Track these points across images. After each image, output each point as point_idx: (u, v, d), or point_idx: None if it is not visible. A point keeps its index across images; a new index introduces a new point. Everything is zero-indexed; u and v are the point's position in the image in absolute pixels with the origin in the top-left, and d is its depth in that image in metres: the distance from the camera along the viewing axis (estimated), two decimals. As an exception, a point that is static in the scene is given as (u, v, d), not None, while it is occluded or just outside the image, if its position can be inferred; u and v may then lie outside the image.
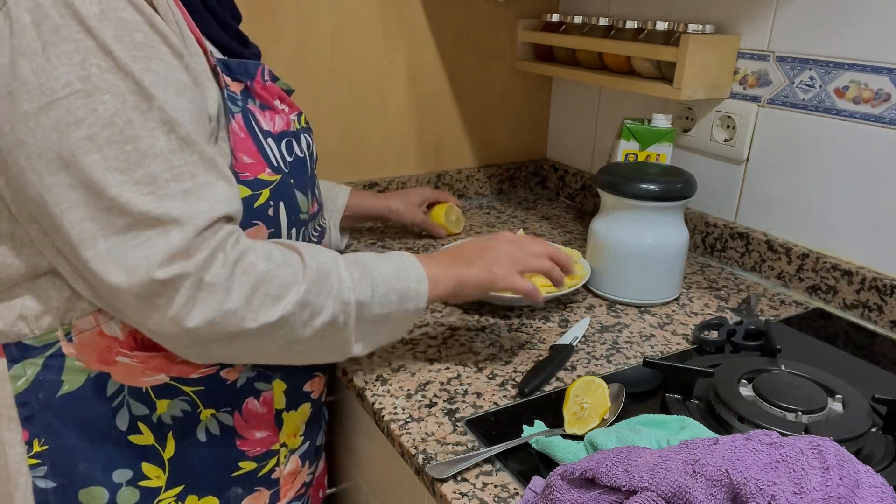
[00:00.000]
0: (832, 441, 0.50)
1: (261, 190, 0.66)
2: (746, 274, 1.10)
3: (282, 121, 0.72)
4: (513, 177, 1.51)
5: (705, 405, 0.72)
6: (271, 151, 0.69)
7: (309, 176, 0.76)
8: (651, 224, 0.94)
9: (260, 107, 0.70)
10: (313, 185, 0.78)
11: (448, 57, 1.33)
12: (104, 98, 0.53)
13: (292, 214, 0.71)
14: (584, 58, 1.24)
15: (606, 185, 0.95)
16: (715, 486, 0.46)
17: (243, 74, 0.68)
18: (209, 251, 0.56)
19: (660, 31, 1.07)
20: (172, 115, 0.55)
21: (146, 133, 0.54)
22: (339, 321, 0.64)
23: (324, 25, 1.17)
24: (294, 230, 0.72)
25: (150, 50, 0.55)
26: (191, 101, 0.58)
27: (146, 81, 0.54)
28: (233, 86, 0.67)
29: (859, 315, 0.96)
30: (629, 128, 1.11)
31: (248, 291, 0.58)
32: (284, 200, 0.69)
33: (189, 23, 0.62)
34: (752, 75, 1.06)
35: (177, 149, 0.56)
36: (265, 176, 0.67)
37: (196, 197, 0.56)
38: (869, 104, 0.92)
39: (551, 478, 0.54)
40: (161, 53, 0.56)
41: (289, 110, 0.75)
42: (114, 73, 0.53)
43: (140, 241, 0.54)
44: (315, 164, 0.80)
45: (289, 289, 0.60)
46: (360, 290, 0.65)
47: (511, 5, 1.36)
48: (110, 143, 0.53)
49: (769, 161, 1.06)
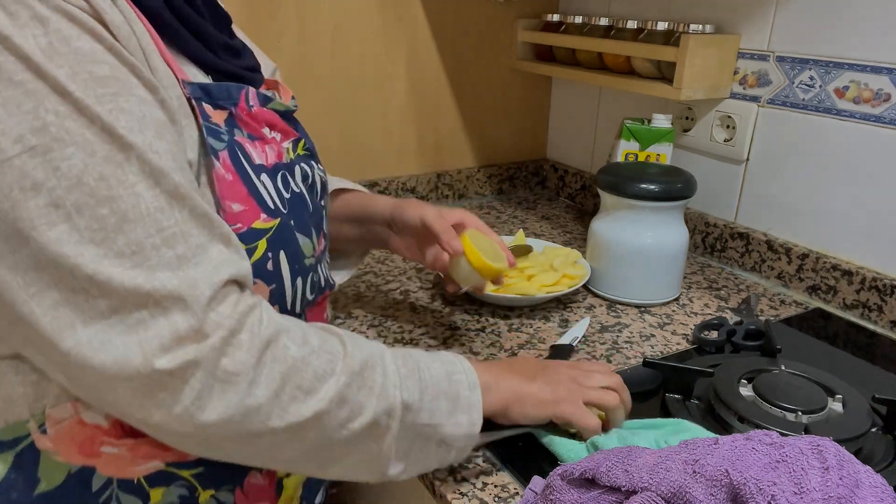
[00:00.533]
0: (832, 441, 0.50)
1: (256, 242, 0.55)
2: (746, 274, 1.10)
3: (273, 152, 0.61)
4: (513, 177, 1.51)
5: (705, 405, 0.72)
6: (266, 191, 0.58)
7: (311, 212, 0.65)
8: (651, 224, 0.94)
9: (249, 137, 0.58)
10: (319, 221, 0.67)
11: (448, 57, 1.33)
12: (67, 152, 0.43)
13: (295, 263, 0.60)
14: (584, 58, 1.24)
15: (606, 185, 0.95)
16: (715, 486, 0.46)
17: (226, 100, 0.57)
18: (227, 331, 0.46)
19: (660, 31, 1.07)
20: (156, 164, 0.45)
21: (125, 191, 0.44)
22: (380, 424, 0.53)
23: (324, 25, 1.17)
24: (300, 279, 0.61)
25: (119, 84, 0.45)
26: (172, 143, 0.49)
27: (119, 125, 0.44)
28: (215, 115, 0.55)
29: (859, 315, 0.96)
30: (629, 128, 1.11)
31: (277, 383, 0.48)
32: (285, 248, 0.58)
33: (159, 45, 0.52)
34: (752, 75, 1.06)
35: (164, 206, 0.46)
36: (260, 224, 0.56)
37: (192, 263, 0.46)
38: (869, 104, 0.92)
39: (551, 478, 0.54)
40: (132, 87, 0.46)
41: (281, 138, 0.63)
42: (76, 119, 0.43)
43: (130, 324, 0.44)
44: (320, 195, 0.69)
45: (324, 380, 0.50)
46: (407, 389, 0.54)
47: (511, 5, 1.36)
48: (80, 208, 0.43)
49: (769, 161, 1.06)
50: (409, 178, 1.35)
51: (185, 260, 0.46)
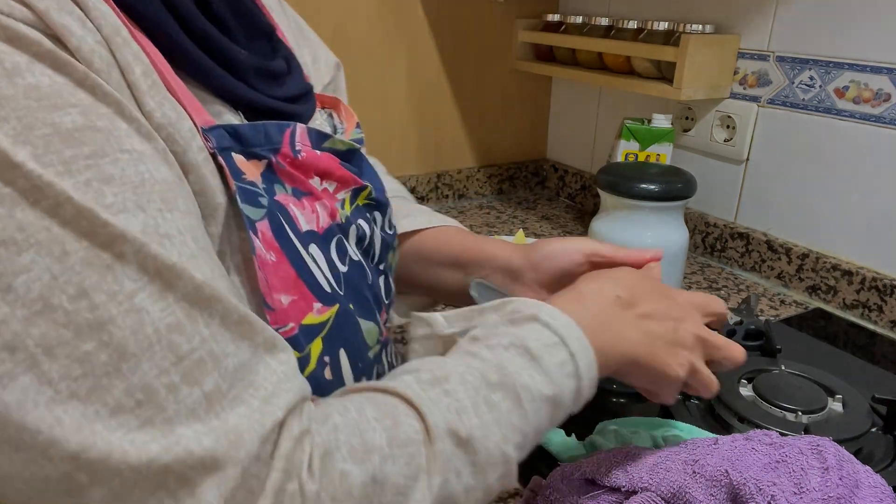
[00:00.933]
0: (832, 441, 0.50)
1: (309, 344, 0.40)
2: (746, 274, 1.10)
3: (325, 210, 0.45)
4: (513, 177, 1.51)
5: (705, 405, 0.72)
6: (319, 268, 0.42)
7: (371, 284, 0.49)
8: (651, 224, 0.94)
9: (294, 194, 0.43)
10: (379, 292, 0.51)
11: (448, 57, 1.33)
12: (23, 261, 0.27)
13: (358, 360, 0.45)
14: (584, 58, 1.24)
15: (606, 185, 0.95)
16: (715, 487, 0.46)
17: (263, 145, 0.41)
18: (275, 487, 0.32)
19: (660, 31, 1.07)
20: (165, 258, 0.30)
21: (119, 308, 0.29)
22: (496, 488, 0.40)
23: (324, 25, 1.17)
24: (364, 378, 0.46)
25: (98, 138, 0.30)
26: (187, 213, 0.33)
27: (102, 204, 0.29)
28: (249, 170, 0.39)
29: (859, 315, 0.96)
30: (629, 128, 1.11)
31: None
32: (346, 345, 0.43)
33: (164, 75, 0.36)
34: (752, 75, 1.06)
35: (182, 320, 0.31)
36: (314, 318, 0.41)
37: (229, 401, 0.31)
38: (869, 104, 0.92)
39: (551, 478, 0.54)
40: (118, 138, 0.31)
41: (336, 187, 0.47)
42: (33, 206, 0.28)
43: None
44: (379, 256, 0.53)
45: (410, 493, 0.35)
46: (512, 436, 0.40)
47: (511, 5, 1.36)
48: (50, 348, 0.28)
49: (769, 161, 1.06)
50: (409, 177, 1.35)
51: (220, 398, 0.31)
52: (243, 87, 0.42)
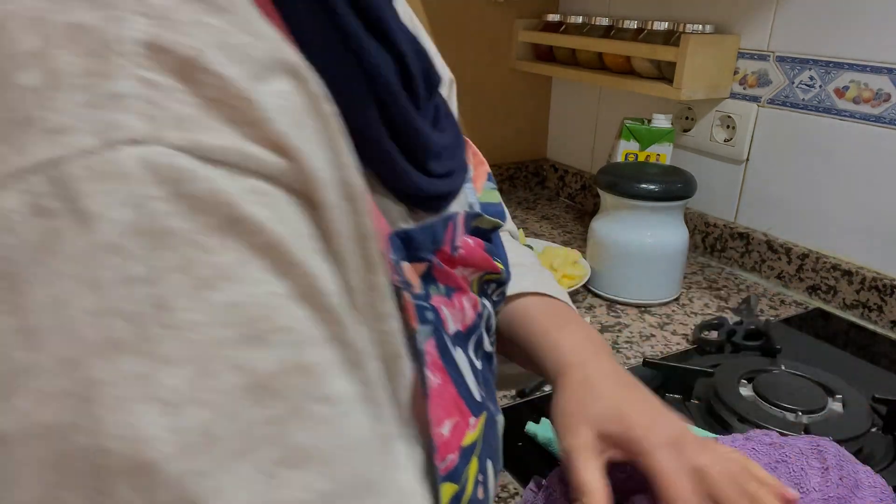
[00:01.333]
0: (832, 441, 0.50)
1: (466, 466, 0.32)
2: (746, 274, 1.10)
3: (470, 303, 0.37)
4: (513, 177, 1.51)
5: (705, 405, 0.72)
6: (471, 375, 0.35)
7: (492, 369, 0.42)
8: (651, 224, 0.94)
9: (446, 293, 0.35)
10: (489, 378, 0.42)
11: (448, 57, 1.32)
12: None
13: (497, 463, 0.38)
14: (583, 58, 1.24)
15: (606, 185, 0.95)
16: (714, 487, 0.46)
17: (427, 248, 0.32)
18: None
19: (660, 31, 1.07)
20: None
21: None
22: None
23: (324, 25, 1.17)
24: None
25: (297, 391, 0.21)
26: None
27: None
28: (413, 278, 0.32)
29: (859, 315, 0.96)
30: (629, 128, 1.11)
31: None
32: (490, 454, 0.36)
33: None
34: (751, 75, 1.06)
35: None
36: (470, 436, 0.33)
37: None
38: (869, 104, 0.92)
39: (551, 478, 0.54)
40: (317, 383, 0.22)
41: (471, 272, 0.37)
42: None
43: None
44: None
45: None
46: None
47: (511, 5, 1.36)
48: None
49: (769, 161, 1.06)
50: (409, 178, 1.35)
51: None
52: (425, 179, 0.32)
